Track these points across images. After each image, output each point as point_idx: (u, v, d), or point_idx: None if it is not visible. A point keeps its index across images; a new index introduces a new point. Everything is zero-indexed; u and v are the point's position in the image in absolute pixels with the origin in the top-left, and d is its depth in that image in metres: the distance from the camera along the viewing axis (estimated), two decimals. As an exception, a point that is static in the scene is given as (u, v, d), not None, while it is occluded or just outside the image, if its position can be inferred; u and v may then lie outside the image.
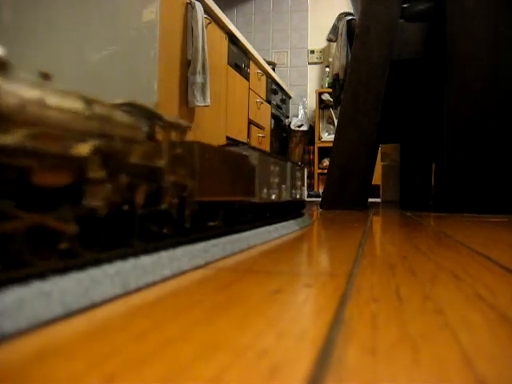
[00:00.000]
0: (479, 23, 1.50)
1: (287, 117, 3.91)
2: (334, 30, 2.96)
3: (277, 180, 0.74)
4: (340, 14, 2.62)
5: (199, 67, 1.79)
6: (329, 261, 0.51)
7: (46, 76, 0.28)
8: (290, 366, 0.18)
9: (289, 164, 0.84)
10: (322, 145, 3.70)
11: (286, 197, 0.80)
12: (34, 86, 0.27)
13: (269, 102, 3.30)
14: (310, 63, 4.04)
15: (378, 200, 2.75)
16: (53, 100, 0.28)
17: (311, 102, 3.93)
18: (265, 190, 0.67)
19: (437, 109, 1.63)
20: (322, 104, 3.77)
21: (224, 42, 2.31)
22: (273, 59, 3.97)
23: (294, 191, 0.87)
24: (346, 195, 1.64)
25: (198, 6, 1.82)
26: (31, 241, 0.27)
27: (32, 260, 0.27)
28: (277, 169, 0.74)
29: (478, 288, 0.34)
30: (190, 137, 0.49)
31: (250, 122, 2.84)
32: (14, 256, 0.26)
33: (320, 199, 1.76)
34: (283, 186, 0.78)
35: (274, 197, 0.72)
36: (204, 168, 0.47)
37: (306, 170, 1.04)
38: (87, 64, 1.57)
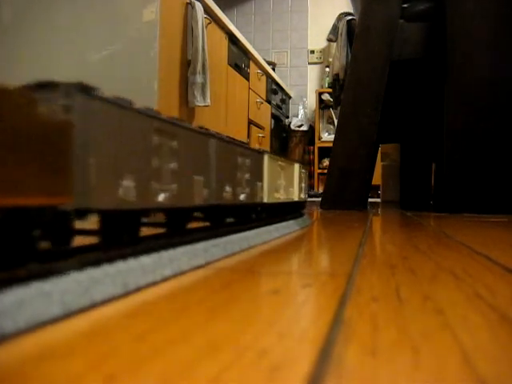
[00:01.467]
0: (479, 23, 1.50)
1: (287, 117, 3.92)
2: (334, 30, 2.96)
3: (174, 166, 0.40)
4: (340, 14, 2.62)
5: (199, 67, 1.79)
6: (329, 261, 0.51)
7: None
8: (289, 366, 0.18)
9: (214, 140, 0.48)
10: (321, 145, 3.70)
11: (205, 198, 0.46)
12: None
13: (269, 102, 3.31)
14: (310, 63, 4.05)
15: (378, 200, 2.75)
16: None
17: (311, 102, 3.93)
18: (126, 184, 0.32)
19: (437, 109, 1.63)
20: (322, 104, 3.77)
21: (224, 42, 2.31)
22: (273, 59, 3.97)
23: (226, 188, 0.51)
24: (346, 195, 1.65)
25: (198, 6, 1.82)
26: None
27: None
28: (173, 144, 0.39)
29: (478, 288, 0.34)
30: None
31: (250, 122, 2.84)
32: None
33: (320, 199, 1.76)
34: (196, 178, 0.44)
35: (163, 198, 0.37)
36: None
37: (270, 157, 0.68)
38: (87, 64, 1.57)
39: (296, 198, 0.85)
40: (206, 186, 0.46)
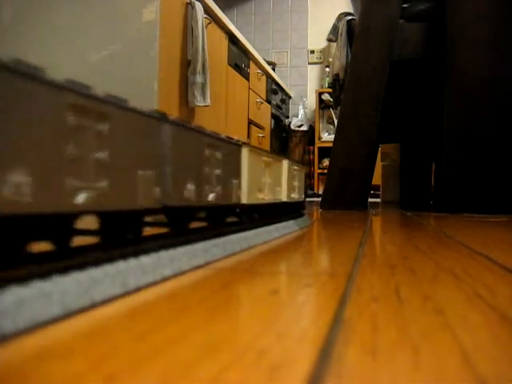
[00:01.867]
0: (479, 23, 1.50)
1: (287, 117, 3.91)
2: (334, 30, 2.96)
3: (104, 157, 0.31)
4: (340, 14, 2.62)
5: (199, 67, 1.79)
6: (329, 261, 0.51)
7: None
8: (289, 366, 0.18)
9: (168, 126, 0.38)
10: (321, 145, 3.70)
11: (157, 199, 0.37)
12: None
13: (269, 102, 3.30)
14: (310, 63, 4.04)
15: (378, 200, 2.75)
16: None
17: (311, 102, 3.93)
18: (17, 180, 0.24)
19: (437, 109, 1.63)
20: (322, 104, 3.77)
21: (224, 42, 2.31)
22: (273, 59, 3.97)
23: (188, 187, 0.42)
24: (346, 195, 1.64)
25: (198, 6, 1.82)
26: None
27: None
28: (102, 128, 0.30)
29: (478, 288, 0.34)
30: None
31: (250, 122, 2.84)
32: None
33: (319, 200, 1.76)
34: (142, 173, 0.35)
35: (85, 198, 0.29)
36: None
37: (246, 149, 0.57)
38: (87, 64, 1.57)
39: (285, 199, 0.75)
40: (157, 183, 0.36)
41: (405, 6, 1.62)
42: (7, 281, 0.24)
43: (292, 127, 3.79)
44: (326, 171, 1.96)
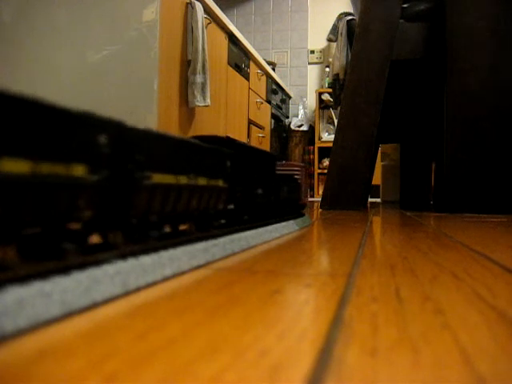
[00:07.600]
0: (479, 23, 1.50)
1: (287, 117, 3.91)
2: (334, 29, 2.96)
3: None
4: (340, 14, 2.62)
5: (199, 67, 1.79)
6: (329, 261, 0.51)
7: None
8: (290, 366, 0.18)
9: None
10: (321, 145, 3.70)
11: None
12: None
13: (269, 102, 3.30)
14: (310, 63, 4.04)
15: (378, 200, 2.75)
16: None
17: (311, 102, 3.93)
18: None
19: (437, 108, 1.63)
20: (322, 104, 3.77)
21: (224, 42, 2.31)
22: (273, 59, 3.97)
23: None
24: (346, 195, 1.65)
25: (198, 6, 1.82)
26: None
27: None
28: None
29: (478, 288, 0.34)
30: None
31: (250, 122, 2.84)
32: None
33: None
34: None
35: None
36: None
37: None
38: (87, 64, 1.57)
39: None
40: None
41: (405, 6, 1.62)
42: (7, 281, 0.24)
43: (292, 127, 3.79)
44: (326, 171, 1.96)
